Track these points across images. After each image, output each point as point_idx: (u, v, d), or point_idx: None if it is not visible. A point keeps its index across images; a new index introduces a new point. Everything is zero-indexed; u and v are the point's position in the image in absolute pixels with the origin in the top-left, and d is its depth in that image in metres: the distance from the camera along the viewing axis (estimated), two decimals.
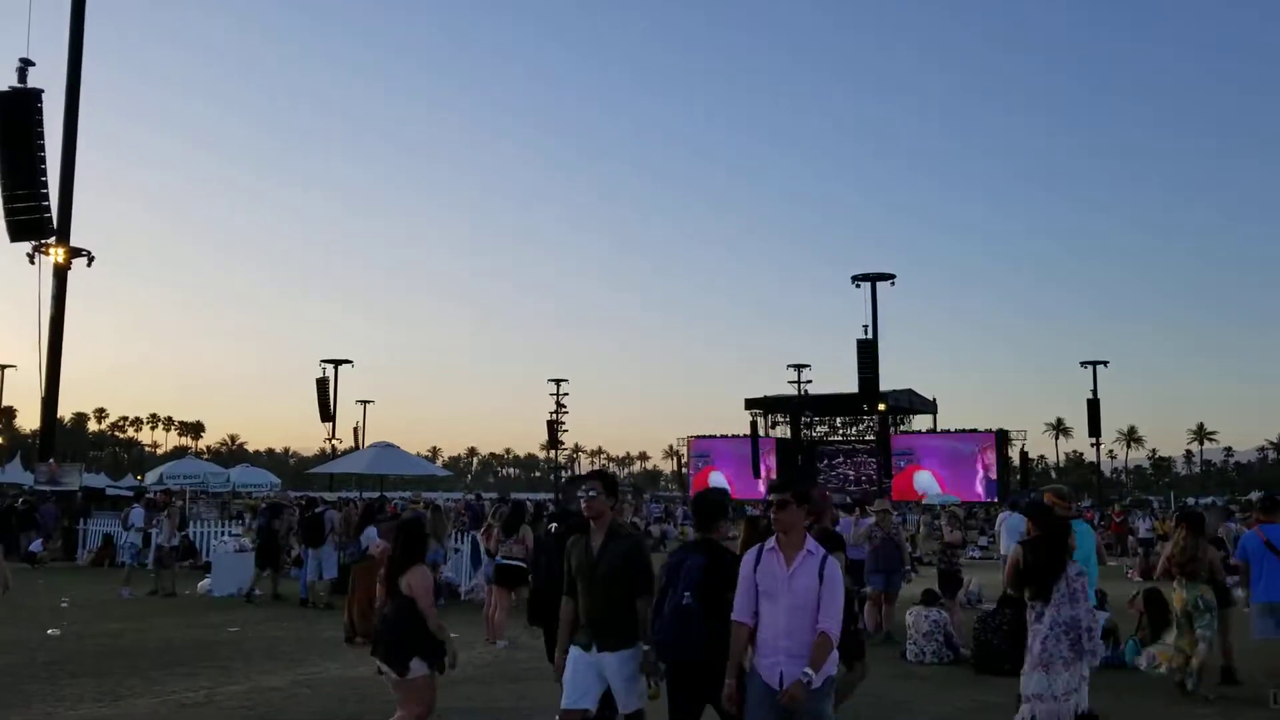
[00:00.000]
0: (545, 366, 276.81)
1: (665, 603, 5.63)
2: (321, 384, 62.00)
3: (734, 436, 73.40)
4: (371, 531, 14.23)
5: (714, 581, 5.55)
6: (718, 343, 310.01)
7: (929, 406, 73.23)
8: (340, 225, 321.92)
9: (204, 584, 18.88)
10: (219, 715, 9.31)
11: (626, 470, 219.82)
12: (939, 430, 70.25)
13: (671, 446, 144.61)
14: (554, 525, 8.92)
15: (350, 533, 16.17)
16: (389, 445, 25.44)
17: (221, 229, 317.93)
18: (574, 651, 5.85)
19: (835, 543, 7.53)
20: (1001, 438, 65.01)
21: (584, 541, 5.93)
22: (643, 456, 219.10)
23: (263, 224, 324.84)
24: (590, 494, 5.80)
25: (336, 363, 63.47)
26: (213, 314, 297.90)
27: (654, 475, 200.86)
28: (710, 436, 75.32)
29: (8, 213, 25.45)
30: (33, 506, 26.34)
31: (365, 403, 73.64)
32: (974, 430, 66.79)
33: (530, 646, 11.99)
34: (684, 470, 78.55)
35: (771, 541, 5.29)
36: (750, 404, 73.77)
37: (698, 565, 5.66)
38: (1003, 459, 64.24)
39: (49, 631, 13.49)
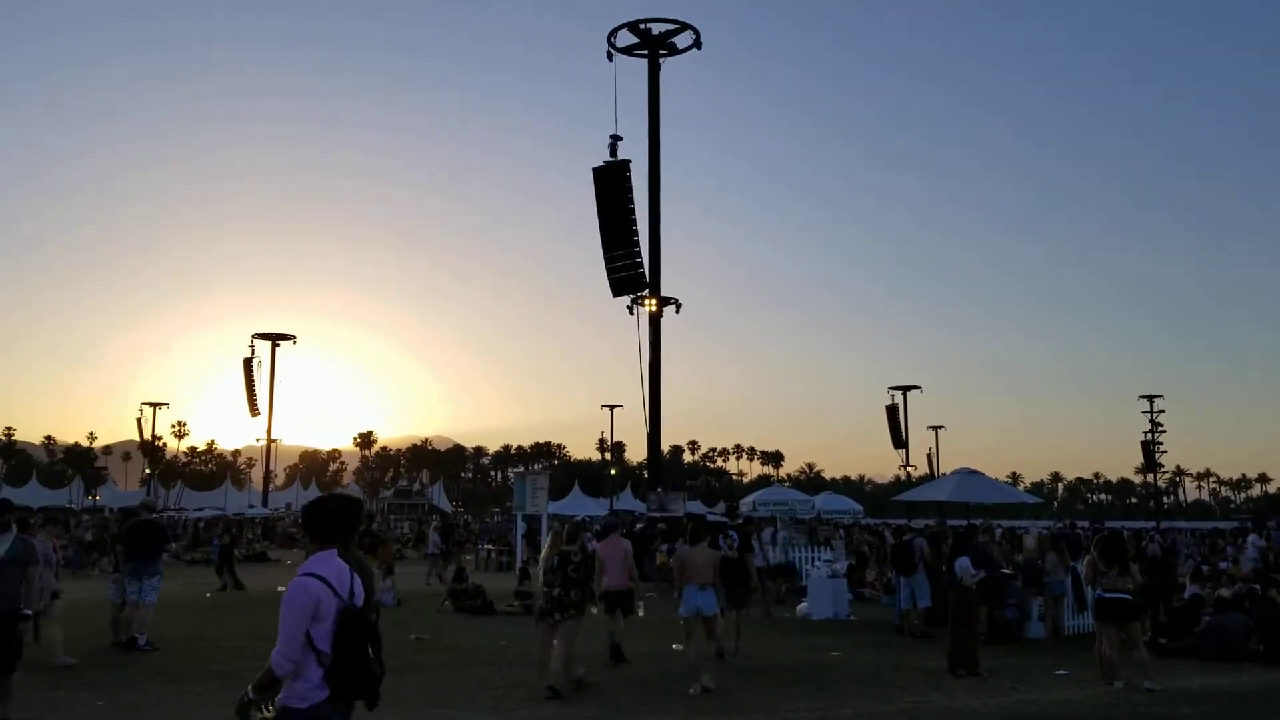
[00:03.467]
0: (1136, 383, 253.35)
1: None
2: (891, 411, 62.29)
3: None
4: (965, 561, 13.47)
5: None
6: None
7: None
8: (900, 250, 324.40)
9: (802, 607, 19.37)
10: None
11: (1244, 494, 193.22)
12: None
13: None
14: None
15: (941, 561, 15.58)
16: (972, 471, 24.34)
17: (791, 266, 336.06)
18: None
19: None
20: None
21: None
22: (1263, 479, 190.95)
23: (829, 258, 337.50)
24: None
25: (905, 389, 63.42)
26: (787, 347, 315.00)
27: (1278, 499, 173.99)
28: None
29: (609, 271, 28.72)
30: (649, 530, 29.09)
31: (937, 428, 72.77)
32: None
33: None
34: None
35: None
36: None
37: None
38: None
39: (674, 646, 14.50)
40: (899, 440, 62.63)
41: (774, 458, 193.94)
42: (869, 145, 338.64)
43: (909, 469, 64.70)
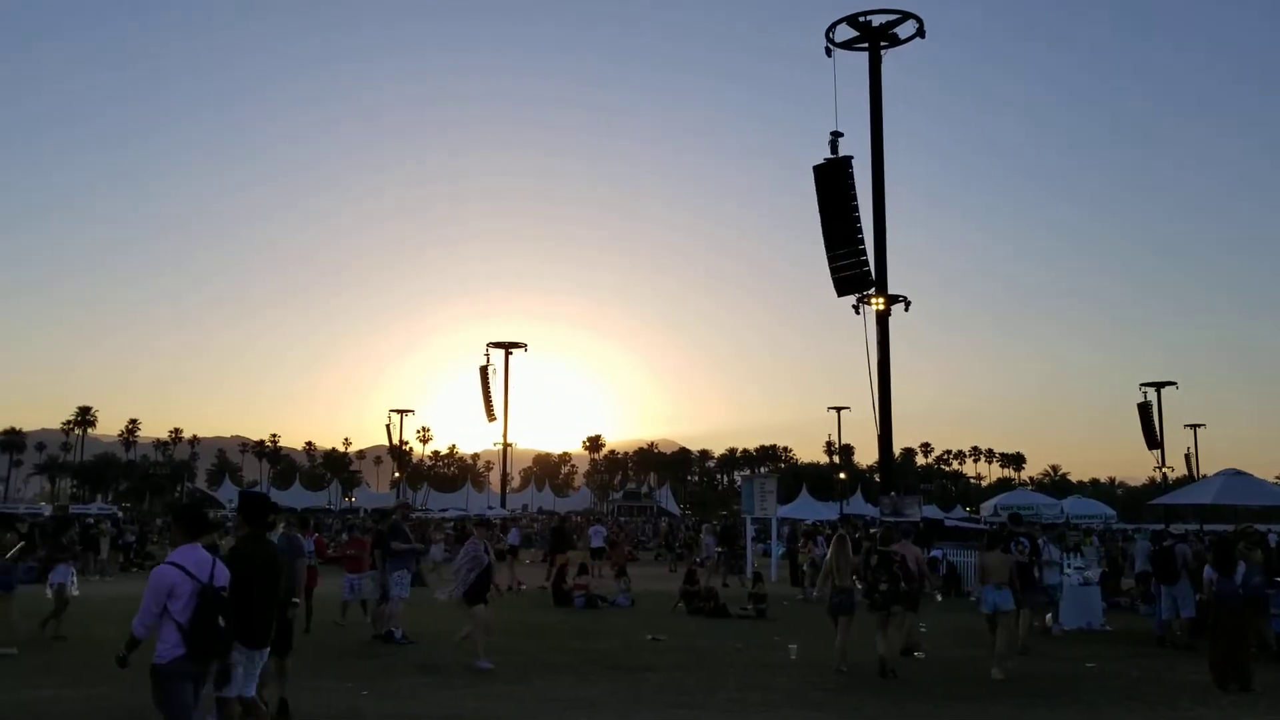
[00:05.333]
0: None
1: None
2: (1144, 409, 58.35)
3: None
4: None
5: None
6: None
7: None
8: (1148, 237, 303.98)
9: (1050, 616, 18.35)
10: None
11: None
12: None
13: None
14: None
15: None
16: (1238, 473, 22.45)
17: (1026, 258, 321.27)
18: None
19: None
20: None
21: None
22: None
23: (1068, 248, 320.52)
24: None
25: (1158, 385, 59.33)
26: (1026, 344, 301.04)
27: None
28: None
29: (833, 271, 28.18)
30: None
31: (1195, 426, 67.70)
32: None
33: None
34: None
35: None
36: None
37: None
38: None
39: (915, 655, 14.07)
40: (1153, 440, 58.56)
41: (1015, 460, 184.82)
42: (1109, 126, 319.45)
43: (1165, 470, 60.47)
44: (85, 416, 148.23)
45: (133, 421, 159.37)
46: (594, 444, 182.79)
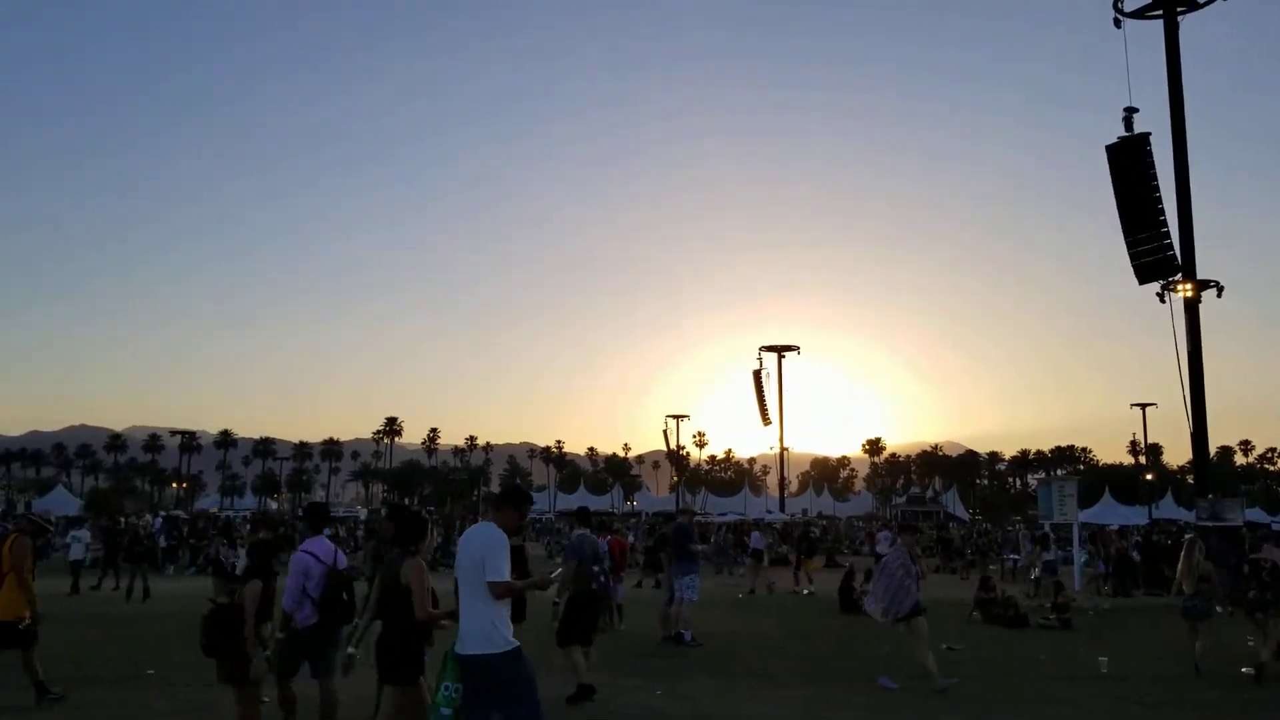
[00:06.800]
0: None
1: None
2: None
3: None
4: None
5: None
6: None
7: None
8: None
9: None
10: None
11: None
12: None
13: None
14: None
15: None
16: None
17: None
18: None
19: None
20: None
21: None
22: None
23: None
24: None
25: None
26: None
27: None
28: None
29: (1133, 256, 26.28)
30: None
31: None
32: None
33: None
34: None
35: None
36: None
37: None
38: None
39: (1243, 669, 12.83)
40: None
41: None
42: None
43: None
44: (392, 426, 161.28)
45: (433, 430, 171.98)
46: (874, 447, 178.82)
